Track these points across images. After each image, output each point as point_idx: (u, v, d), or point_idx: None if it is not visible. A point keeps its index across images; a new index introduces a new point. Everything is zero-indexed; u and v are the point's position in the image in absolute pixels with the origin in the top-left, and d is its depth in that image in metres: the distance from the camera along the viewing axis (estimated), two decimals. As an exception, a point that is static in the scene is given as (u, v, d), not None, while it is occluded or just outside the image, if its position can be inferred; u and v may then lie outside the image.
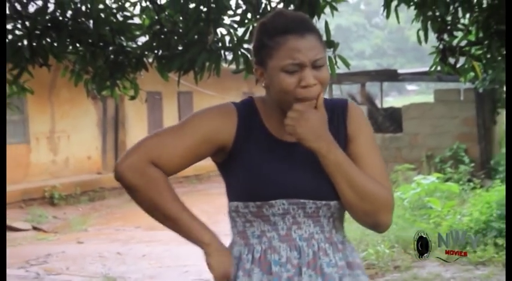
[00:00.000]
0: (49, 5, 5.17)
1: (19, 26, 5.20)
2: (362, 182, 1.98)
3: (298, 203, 2.00)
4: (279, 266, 2.00)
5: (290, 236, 2.01)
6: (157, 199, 2.01)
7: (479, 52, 5.54)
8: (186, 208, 2.04)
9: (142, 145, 2.02)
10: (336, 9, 5.27)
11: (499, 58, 5.39)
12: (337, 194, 2.01)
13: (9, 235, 10.79)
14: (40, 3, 5.19)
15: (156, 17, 5.37)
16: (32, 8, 5.23)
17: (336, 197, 2.01)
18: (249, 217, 2.04)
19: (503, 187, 8.51)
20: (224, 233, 2.22)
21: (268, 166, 2.01)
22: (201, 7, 5.15)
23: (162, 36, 5.30)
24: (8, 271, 7.83)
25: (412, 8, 5.44)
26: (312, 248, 2.01)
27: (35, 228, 11.60)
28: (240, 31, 5.26)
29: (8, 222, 11.33)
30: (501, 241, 7.16)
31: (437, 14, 5.34)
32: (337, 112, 2.08)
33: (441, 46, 5.53)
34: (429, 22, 5.38)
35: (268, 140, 2.05)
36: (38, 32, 5.16)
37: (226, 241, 2.13)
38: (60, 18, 5.19)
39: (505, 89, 12.76)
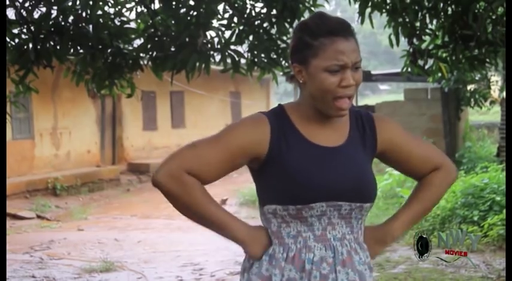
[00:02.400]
0: (52, 11, 5.15)
1: (25, 30, 5.19)
2: (434, 203, 2.21)
3: (335, 205, 1.95)
4: (312, 264, 1.95)
5: (325, 236, 1.97)
6: (193, 204, 1.95)
7: (445, 55, 5.57)
8: (220, 208, 1.99)
9: (178, 155, 1.96)
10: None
11: (463, 60, 5.43)
12: (370, 196, 2.02)
13: (15, 223, 10.74)
14: (44, 9, 5.16)
15: (151, 22, 5.37)
16: (36, 14, 5.21)
17: (370, 199, 2.01)
18: (287, 218, 1.97)
19: (467, 177, 8.57)
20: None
21: (307, 170, 1.94)
22: (192, 12, 5.16)
23: (156, 39, 5.30)
24: (14, 256, 7.80)
25: (385, 14, 5.46)
26: (345, 248, 1.98)
27: (39, 216, 11.53)
28: (227, 34, 5.28)
29: (14, 211, 11.28)
30: (465, 227, 7.21)
31: (407, 20, 5.37)
32: (364, 122, 2.08)
33: (411, 49, 5.56)
34: (400, 27, 5.40)
35: (303, 144, 1.98)
36: (42, 36, 5.14)
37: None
38: (63, 23, 5.17)
39: (468, 88, 12.87)
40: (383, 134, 2.08)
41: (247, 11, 5.32)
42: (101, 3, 5.20)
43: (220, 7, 5.29)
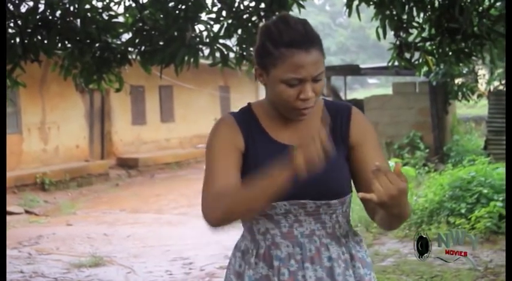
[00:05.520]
0: (39, 5, 5.14)
1: (12, 24, 5.17)
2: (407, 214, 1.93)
3: (298, 203, 1.94)
4: (279, 261, 1.95)
5: (292, 233, 1.96)
6: (237, 199, 1.85)
7: (432, 47, 5.59)
8: (247, 184, 1.86)
9: (203, 199, 1.91)
10: (303, 7, 5.30)
11: (449, 53, 5.46)
12: (337, 193, 1.95)
13: (4, 218, 10.71)
14: (31, 3, 5.15)
15: (139, 15, 5.36)
16: (23, 8, 5.19)
17: (336, 196, 1.96)
18: (256, 215, 1.97)
19: (455, 170, 8.62)
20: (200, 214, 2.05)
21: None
22: (180, 6, 5.17)
23: (144, 33, 5.30)
24: (3, 251, 7.79)
25: (372, 7, 5.48)
26: (313, 244, 1.96)
27: (27, 212, 11.50)
28: (216, 27, 5.29)
29: (3, 206, 11.24)
30: (452, 219, 7.26)
31: (394, 13, 5.39)
32: (340, 116, 2.00)
33: (398, 42, 5.58)
34: (387, 20, 5.42)
35: (266, 142, 1.98)
36: (29, 30, 5.13)
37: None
38: (50, 17, 5.17)
39: (455, 81, 12.94)
40: (357, 126, 2.00)
41: (236, 4, 5.32)
42: (88, -3, 5.20)
43: (209, 1, 5.30)
